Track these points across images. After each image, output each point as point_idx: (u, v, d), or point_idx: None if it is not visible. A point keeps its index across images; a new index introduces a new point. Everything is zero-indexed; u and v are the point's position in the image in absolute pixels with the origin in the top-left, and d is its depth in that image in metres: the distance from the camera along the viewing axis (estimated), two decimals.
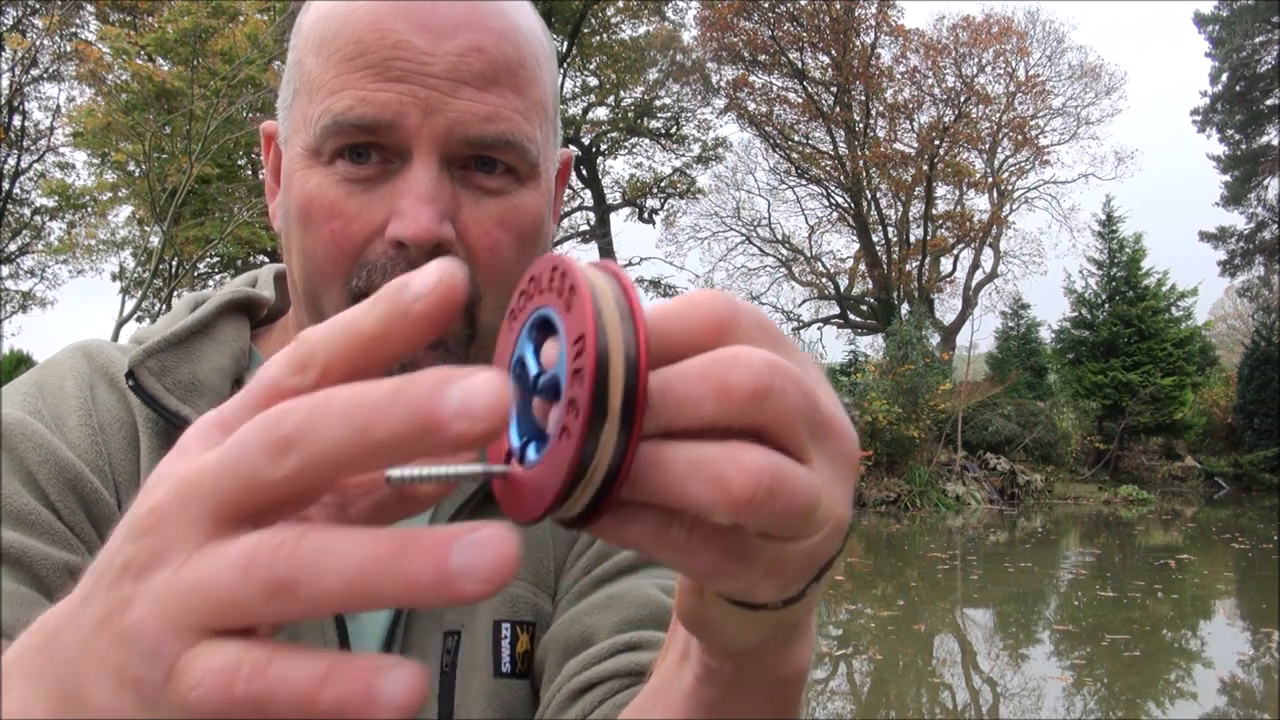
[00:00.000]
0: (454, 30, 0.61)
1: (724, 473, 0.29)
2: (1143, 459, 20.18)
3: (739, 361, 0.30)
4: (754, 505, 0.29)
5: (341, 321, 0.29)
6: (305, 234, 0.64)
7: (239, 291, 0.75)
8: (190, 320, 0.70)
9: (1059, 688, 5.54)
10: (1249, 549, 11.33)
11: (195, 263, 15.71)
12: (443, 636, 0.69)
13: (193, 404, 0.66)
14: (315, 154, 0.63)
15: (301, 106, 0.64)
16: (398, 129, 0.61)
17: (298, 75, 0.66)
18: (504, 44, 0.63)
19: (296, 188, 0.64)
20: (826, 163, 26.76)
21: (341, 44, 0.62)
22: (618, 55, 25.06)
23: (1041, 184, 27.42)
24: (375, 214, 0.62)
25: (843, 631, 7.24)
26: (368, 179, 0.62)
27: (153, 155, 12.75)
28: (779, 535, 0.32)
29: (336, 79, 0.61)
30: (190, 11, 14.57)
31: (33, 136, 18.98)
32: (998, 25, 25.53)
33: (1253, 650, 6.56)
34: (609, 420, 0.29)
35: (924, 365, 16.02)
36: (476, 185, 0.64)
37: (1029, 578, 9.55)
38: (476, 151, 0.63)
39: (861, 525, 13.37)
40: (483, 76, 0.61)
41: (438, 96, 0.60)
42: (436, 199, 0.61)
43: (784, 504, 0.30)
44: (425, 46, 0.60)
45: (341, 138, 0.62)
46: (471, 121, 0.61)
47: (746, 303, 0.33)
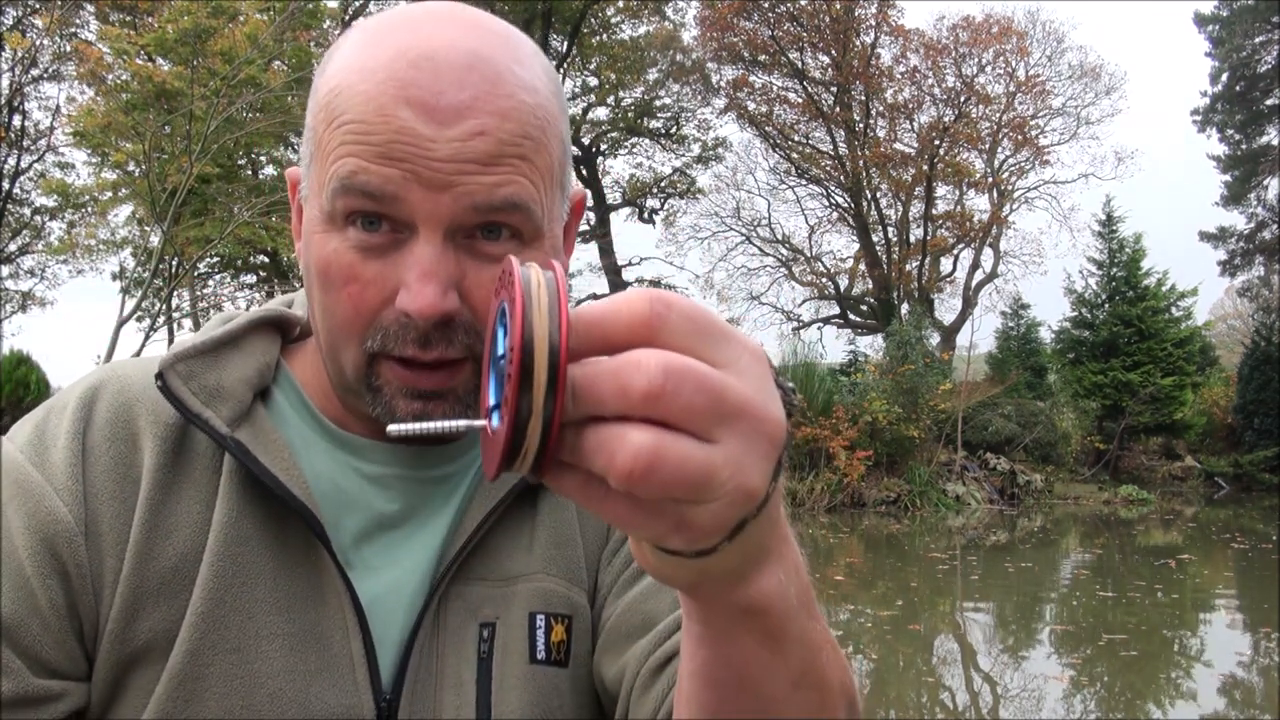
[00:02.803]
0: (458, 117, 0.62)
1: (612, 449, 0.37)
2: (1143, 459, 20.17)
3: (638, 367, 0.37)
4: (634, 477, 0.37)
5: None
6: (325, 294, 0.67)
7: (271, 310, 0.79)
8: (221, 332, 0.74)
9: (1059, 688, 5.54)
10: (1249, 549, 11.33)
11: (195, 263, 15.68)
12: (479, 628, 0.73)
13: (214, 408, 0.69)
14: (330, 219, 0.66)
15: (317, 172, 0.67)
16: (401, 203, 0.63)
17: (313, 140, 0.68)
18: (508, 124, 0.63)
19: (315, 250, 0.67)
20: (826, 163, 26.74)
21: (347, 120, 0.63)
22: (618, 55, 25.05)
23: (1041, 184, 27.42)
24: (388, 281, 0.65)
25: (843, 631, 7.24)
26: (380, 246, 0.65)
27: (153, 155, 12.74)
28: (677, 499, 0.39)
29: (341, 147, 0.64)
30: (190, 11, 14.56)
31: (33, 136, 18.99)
32: (998, 25, 25.51)
33: (1253, 650, 6.56)
34: (535, 391, 0.36)
35: (924, 365, 16.01)
36: (481, 253, 0.66)
37: (1029, 577, 9.55)
38: (484, 218, 0.64)
39: (862, 525, 13.37)
40: (488, 157, 0.63)
41: (440, 177, 0.62)
42: (439, 274, 0.63)
43: (666, 476, 0.37)
44: (429, 134, 0.62)
45: (350, 200, 0.64)
46: (479, 191, 0.63)
47: (680, 299, 0.40)
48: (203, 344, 0.72)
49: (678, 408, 0.37)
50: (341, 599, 0.70)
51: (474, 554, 0.74)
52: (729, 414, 0.39)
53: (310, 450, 0.74)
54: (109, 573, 0.66)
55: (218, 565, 0.67)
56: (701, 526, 0.40)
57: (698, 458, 0.38)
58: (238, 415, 0.70)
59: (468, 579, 0.74)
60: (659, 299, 0.39)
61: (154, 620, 0.66)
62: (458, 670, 0.72)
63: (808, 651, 0.52)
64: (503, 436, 0.37)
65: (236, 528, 0.69)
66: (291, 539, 0.70)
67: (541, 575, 0.76)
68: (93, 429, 0.69)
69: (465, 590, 0.74)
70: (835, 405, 14.95)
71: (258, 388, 0.74)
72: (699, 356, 0.39)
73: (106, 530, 0.67)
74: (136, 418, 0.70)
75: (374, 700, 0.69)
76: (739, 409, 0.39)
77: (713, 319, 0.41)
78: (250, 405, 0.72)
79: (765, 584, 0.48)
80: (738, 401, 0.39)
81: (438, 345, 0.65)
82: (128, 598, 0.66)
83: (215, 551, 0.67)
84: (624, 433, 0.37)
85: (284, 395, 0.76)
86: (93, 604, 0.66)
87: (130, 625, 0.66)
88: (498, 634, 0.73)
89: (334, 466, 0.74)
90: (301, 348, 0.80)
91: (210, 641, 0.66)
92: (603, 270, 25.74)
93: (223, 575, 0.67)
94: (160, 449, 0.69)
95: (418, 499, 0.75)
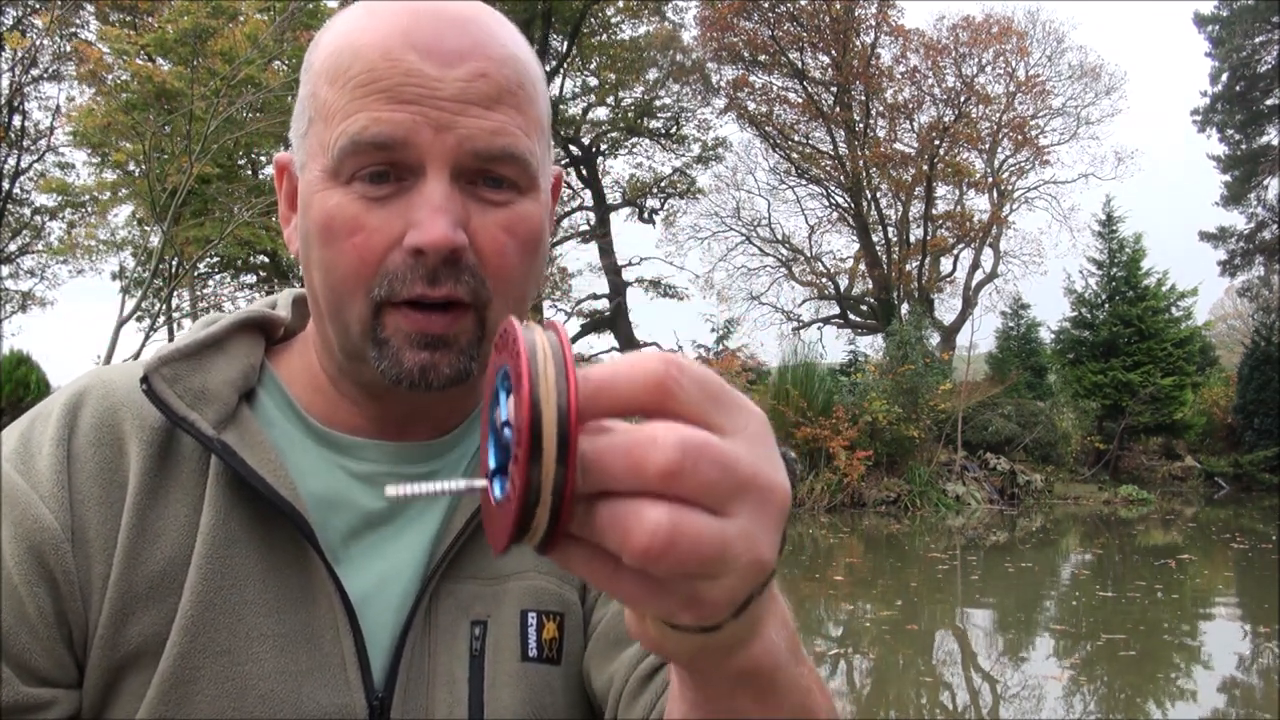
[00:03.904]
0: (460, 58, 0.66)
1: (629, 527, 0.36)
2: (1143, 459, 20.16)
3: (655, 444, 0.36)
4: (651, 555, 0.36)
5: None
6: (327, 249, 0.68)
7: (255, 311, 0.79)
8: (204, 334, 0.74)
9: (1059, 688, 5.54)
10: (1249, 549, 11.33)
11: (195, 263, 15.69)
12: (470, 625, 0.73)
13: (200, 410, 0.70)
14: (334, 175, 0.67)
15: (318, 134, 0.69)
16: (411, 146, 0.65)
17: (312, 106, 0.70)
18: (505, 69, 0.68)
19: (317, 207, 0.68)
20: (826, 163, 26.73)
21: (355, 73, 0.66)
22: (618, 55, 25.02)
23: (1041, 184, 27.42)
24: (394, 227, 0.67)
25: (843, 631, 7.24)
26: (384, 197, 0.67)
27: (153, 155, 12.74)
28: (691, 576, 0.38)
29: (351, 104, 0.66)
30: (190, 11, 14.56)
31: (33, 136, 18.99)
32: (998, 25, 25.50)
33: (1252, 650, 6.56)
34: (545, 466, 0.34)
35: (924, 365, 16.00)
36: (484, 198, 0.69)
37: (1029, 577, 9.55)
38: (484, 165, 0.68)
39: (862, 525, 13.37)
40: (488, 97, 0.67)
41: (447, 116, 0.66)
42: (450, 209, 0.66)
43: (683, 554, 0.36)
44: (435, 73, 0.66)
45: (359, 158, 0.66)
46: (480, 136, 0.66)
47: (689, 363, 0.39)
48: (186, 347, 0.73)
49: (694, 485, 0.37)
50: (331, 599, 0.70)
51: (465, 551, 0.74)
52: (741, 487, 0.38)
53: (297, 450, 0.74)
54: (97, 578, 0.66)
55: (206, 568, 0.67)
56: (713, 602, 0.40)
57: (713, 533, 0.37)
58: (223, 417, 0.71)
59: (459, 577, 0.74)
60: (672, 363, 0.38)
61: (144, 624, 0.66)
62: (450, 668, 0.72)
63: (798, 696, 0.52)
64: (512, 511, 0.36)
65: (224, 530, 0.69)
66: (280, 540, 0.70)
67: (533, 573, 0.76)
68: (78, 435, 0.69)
69: (456, 588, 0.74)
70: (835, 405, 14.94)
71: (243, 389, 0.74)
72: (710, 424, 0.39)
73: (94, 536, 0.67)
74: (122, 422, 0.70)
75: (366, 699, 0.69)
76: (750, 481, 0.38)
77: (722, 385, 0.40)
78: (236, 407, 0.72)
79: (761, 646, 0.47)
80: (749, 474, 0.38)
81: (446, 282, 0.66)
82: (117, 603, 0.66)
83: (203, 554, 0.68)
84: (639, 510, 0.36)
85: (269, 396, 0.77)
86: (81, 610, 0.66)
87: (120, 630, 0.66)
88: (489, 632, 0.73)
89: (321, 466, 0.74)
90: (286, 348, 0.81)
91: (200, 644, 0.66)
92: (603, 270, 25.72)
93: (211, 578, 0.67)
94: (146, 453, 0.69)
95: (407, 500, 0.75)
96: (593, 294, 26.28)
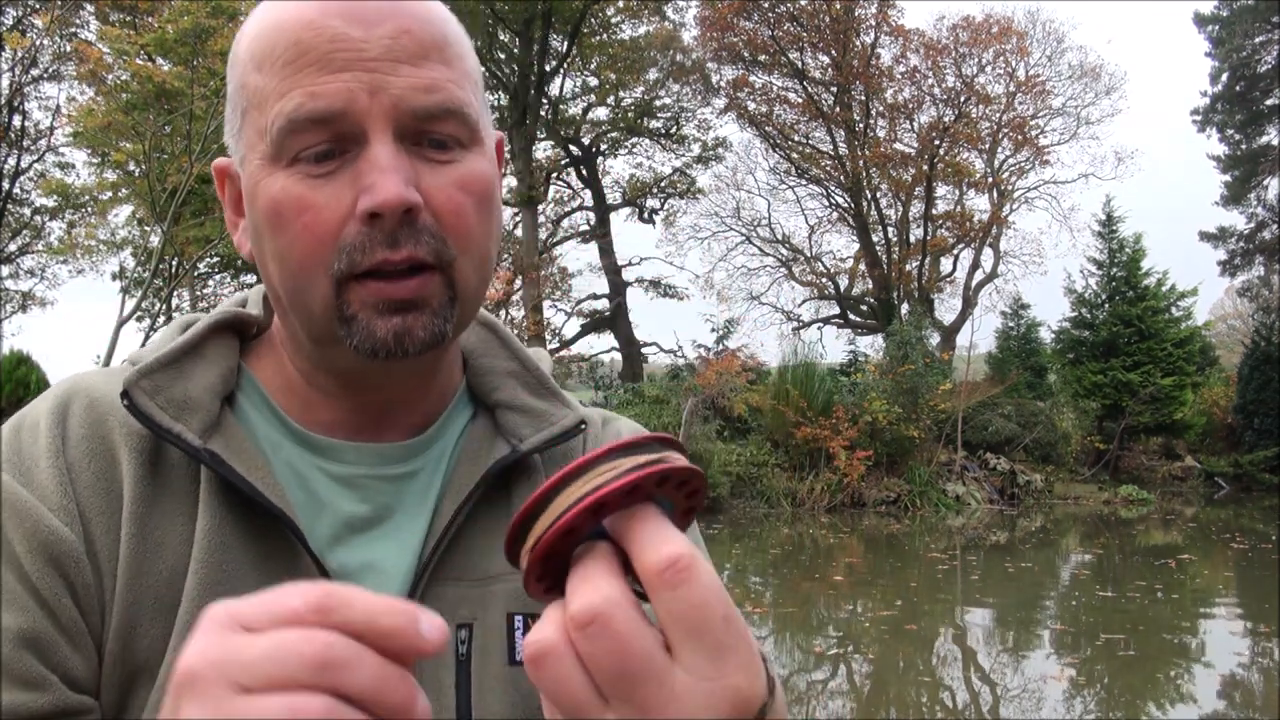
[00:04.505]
0: (381, 18, 0.66)
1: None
2: (1143, 459, 20.15)
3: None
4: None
5: (369, 608, 0.38)
6: (278, 235, 0.67)
7: (227, 312, 0.78)
8: (181, 341, 0.73)
9: (1059, 688, 5.54)
10: (1249, 549, 11.32)
11: (195, 263, 15.69)
12: (456, 629, 0.72)
13: (184, 421, 0.69)
14: (275, 159, 0.66)
15: (254, 122, 0.68)
16: (349, 114, 0.64)
17: (243, 97, 0.69)
18: (429, 26, 0.68)
19: (262, 195, 0.67)
20: (826, 163, 26.73)
21: (280, 51, 0.66)
22: (618, 55, 25.02)
23: (1041, 184, 27.41)
24: (344, 199, 0.65)
25: (843, 632, 7.24)
26: (329, 172, 0.66)
27: (153, 155, 12.74)
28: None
29: (283, 83, 0.65)
30: (190, 11, 14.56)
31: (33, 136, 18.98)
32: (998, 25, 25.49)
33: (1252, 650, 6.56)
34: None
35: (924, 365, 16.00)
36: (430, 159, 0.68)
37: (1029, 578, 9.55)
38: (424, 125, 0.67)
39: (862, 525, 13.37)
40: (416, 54, 0.66)
41: (380, 78, 0.65)
42: (399, 168, 0.64)
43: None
44: (360, 35, 0.65)
45: (298, 137, 0.65)
46: (414, 94, 0.66)
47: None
48: (165, 356, 0.71)
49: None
50: None
51: (449, 553, 0.74)
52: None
53: (278, 453, 0.73)
54: (106, 592, 0.66)
55: (202, 575, 0.67)
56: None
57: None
58: (208, 425, 0.69)
59: (444, 579, 0.73)
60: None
61: (151, 638, 0.66)
62: (436, 673, 0.71)
63: None
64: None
65: (219, 536, 0.68)
66: (273, 546, 0.69)
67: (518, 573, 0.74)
68: (70, 446, 0.68)
69: (442, 591, 0.73)
70: (835, 405, 14.95)
71: (223, 394, 0.73)
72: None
73: (99, 549, 0.66)
74: (110, 431, 0.69)
75: None
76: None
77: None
78: (219, 413, 0.71)
79: None
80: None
81: (406, 244, 0.65)
82: (124, 617, 0.66)
83: (200, 561, 0.67)
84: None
85: (248, 399, 0.75)
86: (98, 624, 0.66)
87: (129, 645, 0.66)
88: (475, 635, 0.72)
89: (302, 468, 0.73)
90: (261, 346, 0.79)
91: None
92: (603, 270, 25.72)
93: (207, 585, 0.67)
94: (138, 462, 0.69)
95: (389, 498, 0.74)
96: (593, 294, 26.30)
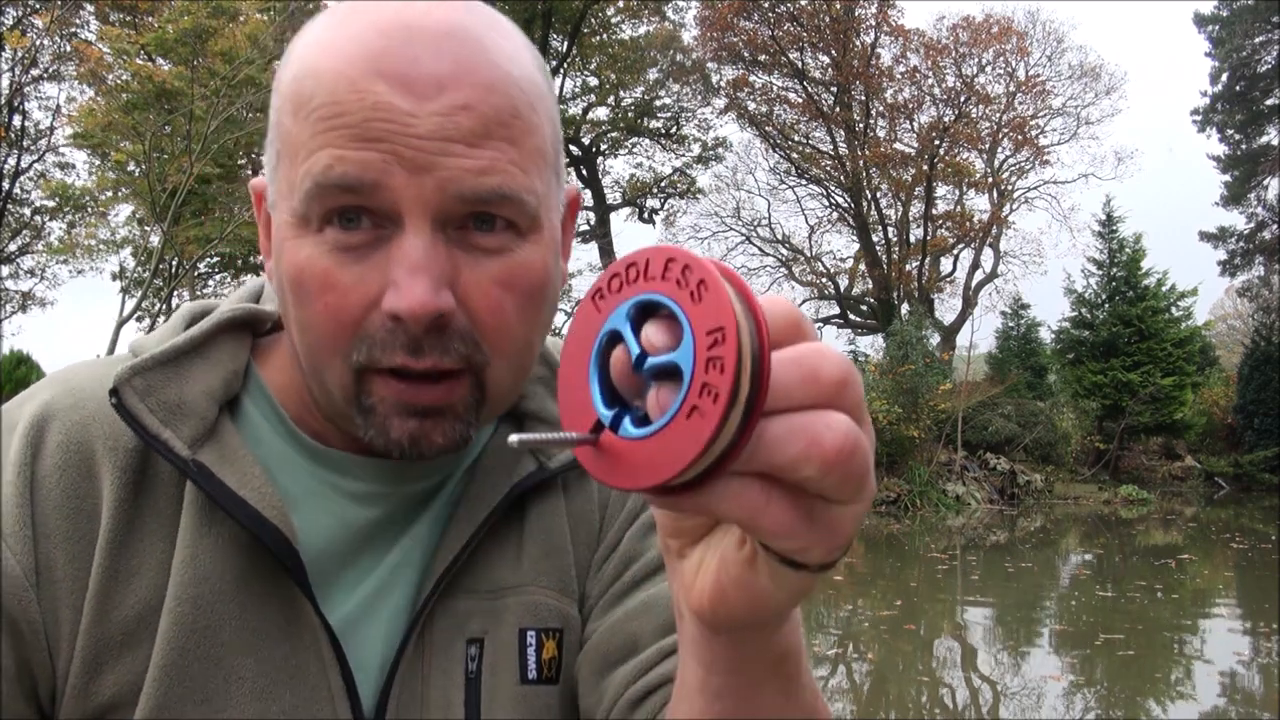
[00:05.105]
0: (438, 89, 0.56)
1: (819, 433, 0.35)
2: (1143, 459, 20.18)
3: (824, 355, 0.36)
4: (841, 459, 0.35)
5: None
6: (300, 308, 0.61)
7: (240, 309, 0.71)
8: (183, 339, 0.66)
9: (1058, 687, 5.55)
10: (1249, 549, 11.33)
11: (195, 263, 15.71)
12: (466, 644, 0.69)
13: (174, 427, 0.62)
14: (304, 221, 0.59)
15: (285, 171, 0.60)
16: (383, 190, 0.56)
17: (278, 137, 0.61)
18: (494, 97, 0.58)
19: (287, 258, 0.60)
20: (826, 163, 26.75)
21: (317, 104, 0.57)
22: (618, 55, 25.05)
23: (1041, 184, 27.46)
24: (370, 285, 0.58)
25: (843, 631, 7.24)
26: (360, 246, 0.58)
27: (153, 155, 12.75)
28: (839, 498, 0.37)
29: (314, 139, 0.57)
30: (190, 11, 14.57)
31: (33, 136, 18.99)
32: (998, 25, 25.51)
33: (1252, 650, 6.56)
34: (737, 406, 0.33)
35: (924, 365, 16.01)
36: (475, 245, 0.59)
37: (1029, 577, 9.55)
38: (472, 209, 0.58)
39: (862, 525, 13.37)
40: (474, 133, 0.57)
41: (424, 157, 0.56)
42: (431, 268, 0.57)
43: (858, 463, 0.36)
44: (408, 107, 0.56)
45: (326, 200, 0.57)
46: (464, 177, 0.57)
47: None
48: (163, 354, 0.65)
49: (853, 399, 0.37)
50: (315, 630, 0.64)
51: (460, 564, 0.70)
52: (867, 413, 0.39)
53: (286, 468, 0.67)
54: (65, 624, 0.60)
55: (178, 611, 0.61)
56: (845, 531, 0.39)
57: (869, 447, 0.37)
58: (200, 433, 0.63)
59: (454, 592, 0.69)
60: (794, 304, 0.39)
61: (119, 673, 0.61)
62: (445, 692, 0.67)
63: (810, 695, 0.52)
64: (692, 453, 0.33)
65: (197, 565, 0.62)
66: (259, 568, 0.64)
67: (532, 587, 0.71)
68: (43, 457, 0.62)
69: (451, 604, 0.69)
70: None
71: (223, 399, 0.66)
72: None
73: (61, 577, 0.60)
74: (92, 442, 0.63)
75: None
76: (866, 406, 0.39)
77: None
78: (215, 421, 0.65)
79: (792, 627, 0.47)
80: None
81: (431, 353, 0.58)
82: (89, 651, 0.60)
83: (176, 595, 0.61)
84: (828, 416, 0.35)
85: (255, 406, 0.69)
86: (48, 661, 0.60)
87: (93, 680, 0.60)
88: (486, 651, 0.69)
89: (313, 484, 0.68)
90: (274, 345, 0.72)
91: (176, 694, 0.60)
92: (603, 270, 25.73)
93: (184, 620, 0.61)
94: (120, 479, 0.62)
95: (401, 515, 0.70)
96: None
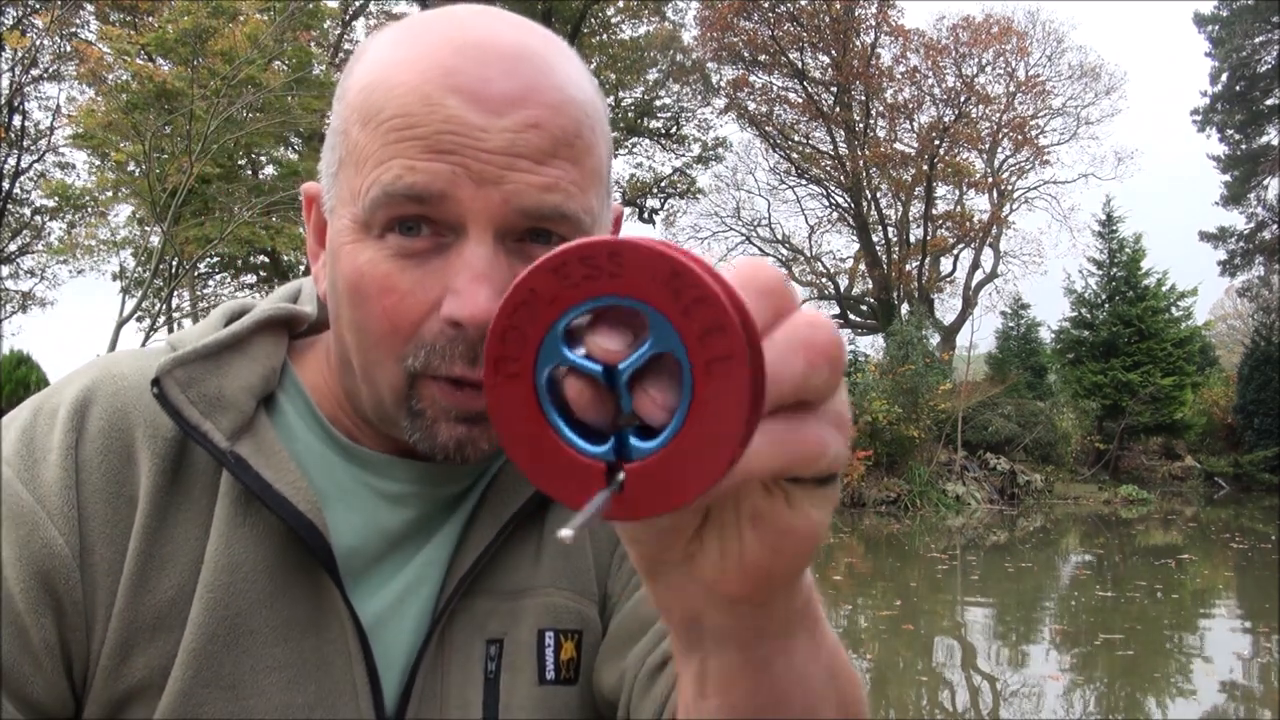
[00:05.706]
0: (510, 106, 0.59)
1: (809, 338, 0.36)
2: (1143, 459, 20.18)
3: (759, 268, 0.37)
4: (832, 349, 0.37)
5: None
6: (356, 310, 0.62)
7: (279, 308, 0.73)
8: (225, 334, 0.68)
9: (1058, 687, 5.55)
10: (1249, 549, 11.33)
11: (195, 263, 15.70)
12: (485, 644, 0.70)
13: (214, 419, 0.64)
14: (365, 228, 0.61)
15: (348, 178, 0.62)
16: (450, 200, 0.59)
17: (344, 144, 0.63)
18: (560, 118, 0.60)
19: (346, 262, 0.62)
20: (826, 163, 26.76)
21: (388, 116, 0.59)
22: (618, 55, 25.05)
23: (1041, 184, 27.44)
24: (429, 290, 0.60)
25: (842, 631, 7.24)
26: (420, 253, 0.61)
27: (153, 155, 12.75)
28: (832, 388, 0.38)
29: (384, 149, 0.59)
30: (190, 11, 14.57)
31: (33, 136, 19.01)
32: (998, 25, 25.51)
33: (1252, 650, 6.56)
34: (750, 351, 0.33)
35: (924, 365, 16.02)
36: (531, 258, 0.59)
37: (1029, 577, 9.56)
38: (532, 224, 0.61)
39: (862, 525, 13.37)
40: (540, 151, 0.59)
41: (493, 170, 0.58)
42: (493, 277, 0.59)
43: (841, 363, 0.38)
44: (479, 123, 0.58)
45: (391, 209, 0.60)
46: (529, 192, 0.59)
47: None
48: (204, 347, 0.67)
49: (794, 296, 0.39)
50: (344, 624, 0.66)
51: (481, 566, 0.71)
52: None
53: (321, 465, 0.69)
54: (101, 606, 0.62)
55: (209, 598, 0.63)
56: (848, 415, 0.41)
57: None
58: (239, 426, 0.65)
59: (473, 593, 0.70)
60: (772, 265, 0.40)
61: (149, 657, 0.62)
62: (463, 691, 0.69)
63: (832, 638, 0.52)
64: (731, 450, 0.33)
65: (230, 554, 0.64)
66: (291, 561, 0.66)
67: (550, 589, 0.73)
68: (85, 441, 0.64)
69: (471, 605, 0.70)
70: None
71: (261, 395, 0.69)
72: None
73: (99, 559, 0.63)
74: (133, 428, 0.65)
75: None
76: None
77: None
78: (253, 415, 0.67)
79: (808, 580, 0.48)
80: None
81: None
82: (120, 634, 0.62)
83: (208, 583, 0.63)
84: (797, 319, 0.37)
85: (291, 404, 0.71)
86: (84, 640, 0.62)
87: (124, 662, 0.62)
88: (505, 651, 0.70)
89: (347, 483, 0.69)
90: (309, 346, 0.74)
91: (204, 679, 0.62)
92: None
93: (215, 607, 0.63)
94: (158, 467, 0.65)
95: (431, 517, 0.72)
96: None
